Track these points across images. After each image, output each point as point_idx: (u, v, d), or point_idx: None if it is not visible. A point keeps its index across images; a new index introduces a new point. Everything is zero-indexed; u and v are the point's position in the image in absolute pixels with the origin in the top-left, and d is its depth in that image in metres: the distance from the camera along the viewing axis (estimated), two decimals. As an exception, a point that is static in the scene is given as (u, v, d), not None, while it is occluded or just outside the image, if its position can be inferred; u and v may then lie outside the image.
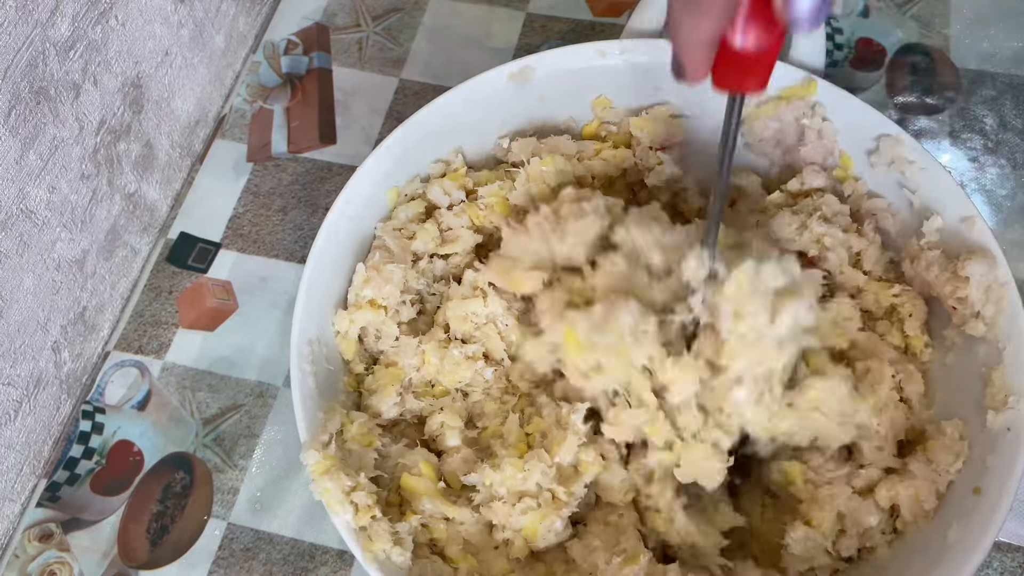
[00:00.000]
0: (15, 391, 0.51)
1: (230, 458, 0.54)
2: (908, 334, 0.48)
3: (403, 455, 0.46)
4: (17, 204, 0.49)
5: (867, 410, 0.45)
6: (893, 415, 0.46)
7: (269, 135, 0.65)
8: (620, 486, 0.46)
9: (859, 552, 0.45)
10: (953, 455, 0.44)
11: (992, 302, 0.45)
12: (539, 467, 0.44)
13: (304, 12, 0.71)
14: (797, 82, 0.52)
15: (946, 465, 0.44)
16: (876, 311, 0.50)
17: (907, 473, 0.44)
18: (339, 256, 0.50)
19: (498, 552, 0.45)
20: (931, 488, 0.44)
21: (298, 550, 0.52)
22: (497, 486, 0.44)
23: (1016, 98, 0.64)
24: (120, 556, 0.52)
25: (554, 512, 0.43)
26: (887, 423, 0.45)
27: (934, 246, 0.48)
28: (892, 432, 0.46)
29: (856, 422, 0.44)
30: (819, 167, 0.53)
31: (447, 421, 0.47)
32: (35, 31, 0.47)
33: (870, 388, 0.46)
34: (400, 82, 0.67)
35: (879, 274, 0.51)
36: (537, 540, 0.44)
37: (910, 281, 0.50)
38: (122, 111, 0.56)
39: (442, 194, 0.53)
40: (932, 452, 0.44)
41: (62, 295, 0.54)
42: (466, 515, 0.44)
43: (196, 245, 0.62)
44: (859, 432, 0.45)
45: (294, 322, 0.46)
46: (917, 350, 0.48)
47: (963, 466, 0.43)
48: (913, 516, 0.44)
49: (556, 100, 0.54)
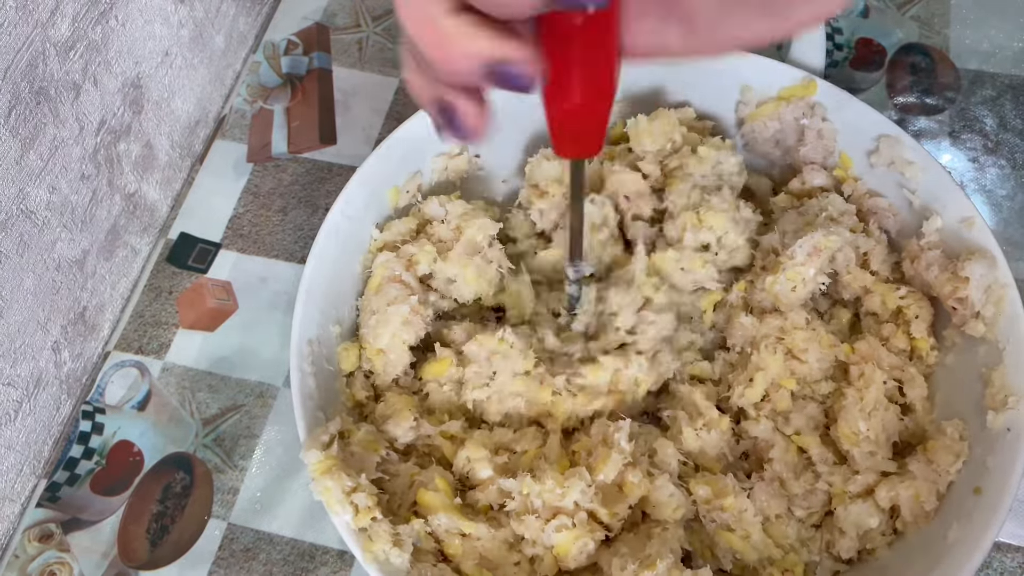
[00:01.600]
0: (15, 391, 0.51)
1: (230, 458, 0.54)
2: (914, 336, 0.48)
3: (418, 472, 0.45)
4: (17, 204, 0.49)
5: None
6: (884, 418, 0.46)
7: (269, 135, 0.65)
8: (670, 501, 0.44)
9: (859, 554, 0.45)
10: (953, 455, 0.44)
11: (992, 302, 0.45)
12: (579, 485, 0.43)
13: (304, 12, 0.71)
14: (797, 82, 0.52)
15: (946, 465, 0.43)
16: (882, 313, 0.50)
17: (907, 474, 0.44)
18: (339, 256, 0.50)
19: (519, 568, 0.44)
20: (931, 488, 0.43)
21: (298, 550, 0.52)
22: (534, 497, 0.43)
23: (1016, 98, 0.64)
24: (120, 556, 0.52)
25: (589, 534, 0.42)
26: (877, 427, 0.45)
27: (934, 246, 0.48)
28: (884, 435, 0.46)
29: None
30: (819, 166, 0.53)
31: (472, 455, 0.46)
32: (35, 31, 0.47)
33: (858, 393, 0.46)
34: (400, 82, 0.67)
35: (886, 275, 0.50)
36: (568, 560, 0.43)
37: (910, 281, 0.50)
38: (122, 111, 0.56)
39: (438, 207, 0.52)
40: (932, 453, 0.44)
41: (62, 295, 0.54)
42: (483, 531, 0.43)
43: (196, 245, 0.62)
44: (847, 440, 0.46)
45: (294, 322, 0.46)
46: (923, 352, 0.48)
47: (963, 466, 0.43)
48: (913, 516, 0.44)
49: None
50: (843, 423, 0.46)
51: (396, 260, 0.50)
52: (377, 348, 0.48)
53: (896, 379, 0.47)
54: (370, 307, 0.49)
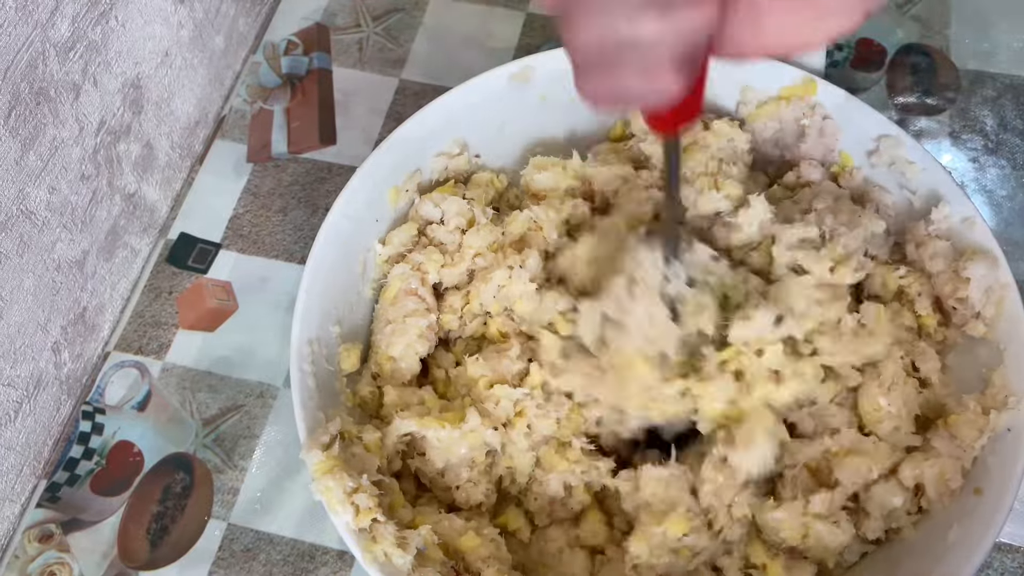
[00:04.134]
0: (15, 392, 0.51)
1: (230, 459, 0.54)
2: (920, 313, 0.48)
3: (445, 520, 0.45)
4: (17, 205, 0.49)
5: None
6: (905, 392, 0.45)
7: (269, 136, 0.65)
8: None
9: (886, 533, 0.44)
10: (977, 430, 0.43)
11: (992, 303, 0.45)
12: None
13: (304, 12, 0.71)
14: (797, 82, 0.52)
15: (971, 440, 0.43)
16: (884, 295, 0.49)
17: (931, 450, 0.44)
18: (339, 256, 0.50)
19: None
20: (956, 465, 0.43)
21: (298, 551, 0.51)
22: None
23: (1016, 98, 0.64)
24: (120, 557, 0.52)
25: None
26: (898, 401, 0.45)
27: (943, 235, 0.48)
28: (906, 409, 0.45)
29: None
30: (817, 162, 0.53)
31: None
32: (35, 32, 0.47)
33: (875, 369, 0.46)
34: (400, 82, 0.67)
35: (884, 258, 0.50)
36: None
37: (911, 264, 0.49)
38: (122, 112, 0.56)
39: (433, 207, 0.52)
40: (955, 427, 0.44)
41: (62, 296, 0.54)
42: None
43: (196, 246, 0.61)
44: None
45: (294, 322, 0.46)
46: (931, 329, 0.47)
47: (988, 442, 0.42)
48: (938, 494, 0.43)
49: (556, 101, 0.54)
50: (864, 400, 0.45)
51: (412, 273, 0.50)
52: (388, 355, 0.49)
53: (907, 354, 0.47)
54: (385, 316, 0.50)
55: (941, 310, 0.48)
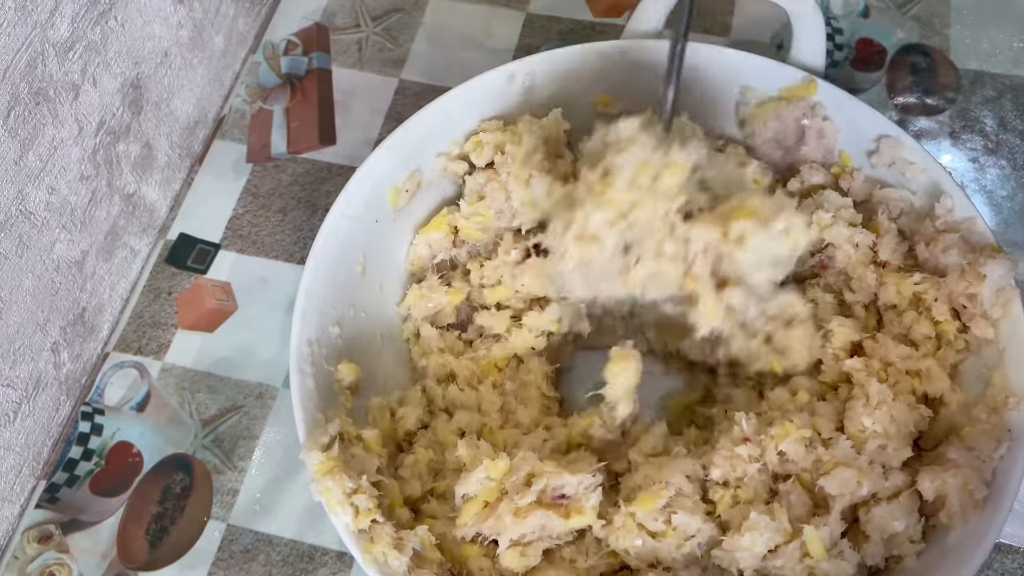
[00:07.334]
0: (14, 392, 0.51)
1: (229, 459, 0.54)
2: (937, 320, 0.47)
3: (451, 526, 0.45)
4: (16, 205, 0.49)
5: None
6: (893, 409, 0.44)
7: (269, 136, 0.65)
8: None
9: (887, 561, 0.43)
10: (995, 440, 0.42)
11: (1000, 304, 0.45)
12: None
13: (304, 12, 0.71)
14: (797, 82, 0.52)
15: (989, 450, 0.42)
16: (900, 304, 0.48)
17: (949, 462, 0.42)
18: (339, 256, 0.50)
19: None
20: (977, 476, 0.41)
21: (298, 551, 0.51)
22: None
23: (1016, 98, 0.64)
24: (119, 558, 0.52)
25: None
26: (885, 419, 0.44)
27: (951, 228, 0.47)
28: (895, 427, 0.44)
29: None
30: (819, 165, 0.53)
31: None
32: (34, 32, 0.47)
33: (861, 390, 0.45)
34: (400, 82, 0.67)
35: (898, 263, 0.49)
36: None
37: (923, 265, 0.48)
38: (121, 112, 0.56)
39: (426, 245, 0.54)
40: (971, 439, 0.43)
41: (61, 296, 0.54)
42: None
43: (196, 246, 0.61)
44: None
45: (294, 323, 0.46)
46: (951, 336, 0.46)
47: (1007, 451, 0.41)
48: (962, 507, 0.41)
49: (556, 101, 0.54)
50: (849, 424, 0.45)
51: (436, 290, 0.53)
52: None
53: (912, 371, 0.46)
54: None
55: (959, 316, 0.47)
